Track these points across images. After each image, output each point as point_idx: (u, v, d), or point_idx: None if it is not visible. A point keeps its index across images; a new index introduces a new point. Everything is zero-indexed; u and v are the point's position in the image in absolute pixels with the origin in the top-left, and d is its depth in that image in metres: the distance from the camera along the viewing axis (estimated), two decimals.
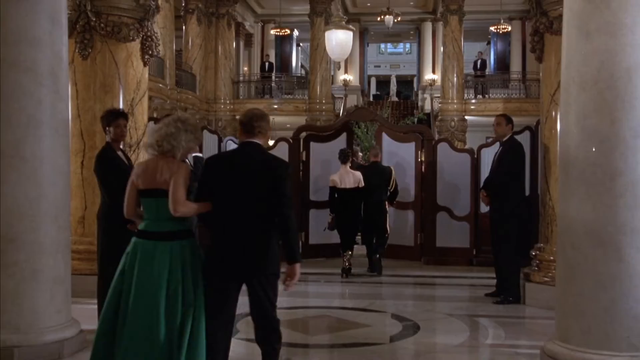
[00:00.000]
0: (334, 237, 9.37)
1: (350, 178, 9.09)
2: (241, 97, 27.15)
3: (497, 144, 9.67)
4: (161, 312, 3.82)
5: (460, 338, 5.90)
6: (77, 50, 7.44)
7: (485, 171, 9.90)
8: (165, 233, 3.96)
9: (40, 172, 4.98)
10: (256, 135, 4.12)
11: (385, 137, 10.97)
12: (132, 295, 3.89)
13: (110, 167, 5.47)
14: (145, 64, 7.89)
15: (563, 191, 4.68)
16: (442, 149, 10.45)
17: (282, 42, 36.28)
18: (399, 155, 10.81)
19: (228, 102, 26.49)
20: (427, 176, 10.42)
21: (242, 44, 31.34)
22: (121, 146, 5.71)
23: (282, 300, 6.45)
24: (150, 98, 21.32)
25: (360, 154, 12.60)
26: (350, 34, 15.91)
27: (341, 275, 8.93)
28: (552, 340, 4.73)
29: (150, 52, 7.89)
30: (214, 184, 4.04)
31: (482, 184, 8.56)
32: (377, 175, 9.37)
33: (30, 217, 4.92)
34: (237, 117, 26.31)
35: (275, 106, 26.61)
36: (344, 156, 9.21)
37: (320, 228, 9.93)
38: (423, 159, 10.55)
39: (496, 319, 6.56)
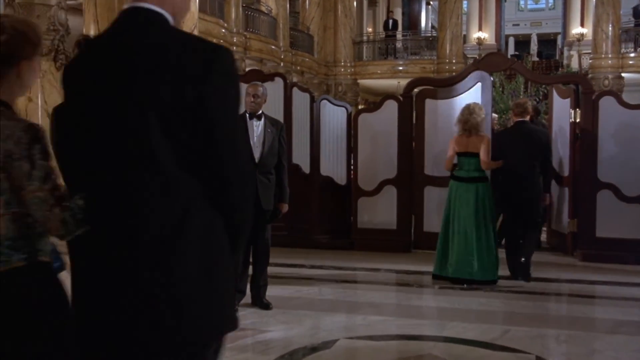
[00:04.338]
0: None
1: None
2: (364, 59, 24.98)
3: None
4: (473, 226, 6.41)
5: None
6: None
7: None
8: (472, 178, 6.52)
9: None
10: (525, 116, 6.72)
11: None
12: (455, 218, 6.52)
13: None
14: None
15: None
16: (606, 105, 7.71)
17: (410, 0, 33.81)
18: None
19: (349, 64, 24.63)
20: (584, 142, 7.73)
21: (365, 2, 29.16)
22: None
23: (377, 322, 5.16)
24: (261, 60, 19.84)
25: (495, 115, 10.02)
26: None
27: None
28: None
29: None
30: (504, 149, 6.58)
31: None
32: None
33: None
34: (359, 81, 24.72)
35: (400, 68, 24.46)
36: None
37: (437, 210, 7.73)
38: (579, 119, 7.87)
39: None
